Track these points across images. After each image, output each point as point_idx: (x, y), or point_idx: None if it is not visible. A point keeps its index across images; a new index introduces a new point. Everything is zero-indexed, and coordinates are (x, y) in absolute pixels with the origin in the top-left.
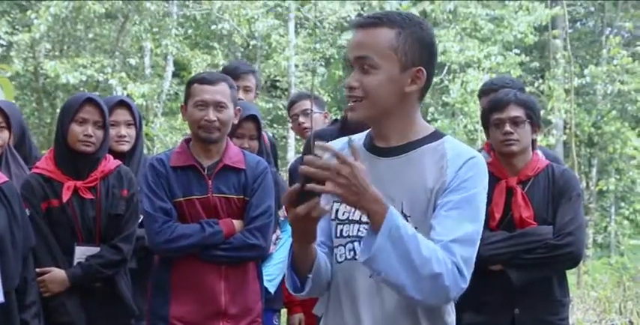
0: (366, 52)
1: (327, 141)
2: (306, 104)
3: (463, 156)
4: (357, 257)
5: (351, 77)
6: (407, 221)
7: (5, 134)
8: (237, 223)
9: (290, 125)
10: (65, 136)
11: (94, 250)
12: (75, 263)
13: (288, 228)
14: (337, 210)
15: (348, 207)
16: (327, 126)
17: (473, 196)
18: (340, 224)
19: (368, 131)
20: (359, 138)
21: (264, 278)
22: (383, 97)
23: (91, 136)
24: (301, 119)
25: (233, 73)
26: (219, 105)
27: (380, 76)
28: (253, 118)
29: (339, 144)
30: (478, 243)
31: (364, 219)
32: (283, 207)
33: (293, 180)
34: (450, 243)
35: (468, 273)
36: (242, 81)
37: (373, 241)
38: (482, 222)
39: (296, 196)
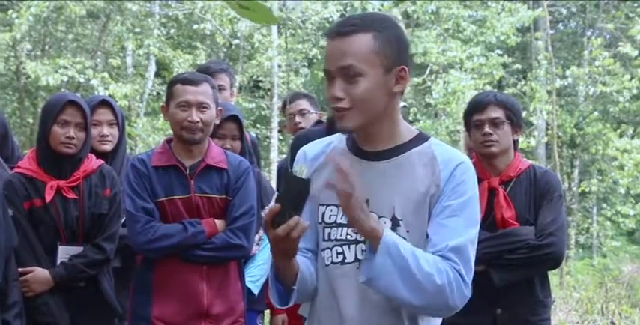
0: (349, 61)
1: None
2: (302, 104)
3: (454, 160)
4: (346, 261)
5: (334, 88)
6: (399, 225)
7: None
8: (219, 223)
9: (274, 124)
10: (47, 138)
11: (77, 250)
12: (58, 262)
13: None
14: (324, 214)
15: (335, 211)
16: (311, 126)
17: (467, 201)
18: (327, 227)
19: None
20: (340, 139)
21: (248, 279)
22: (372, 103)
23: (72, 138)
24: (297, 119)
25: (205, 73)
26: (201, 106)
27: (366, 82)
28: (234, 119)
29: (319, 145)
30: (475, 246)
31: None
32: (266, 207)
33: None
34: (449, 253)
35: (470, 279)
36: (215, 80)
37: (372, 261)
38: (478, 224)
39: (276, 216)
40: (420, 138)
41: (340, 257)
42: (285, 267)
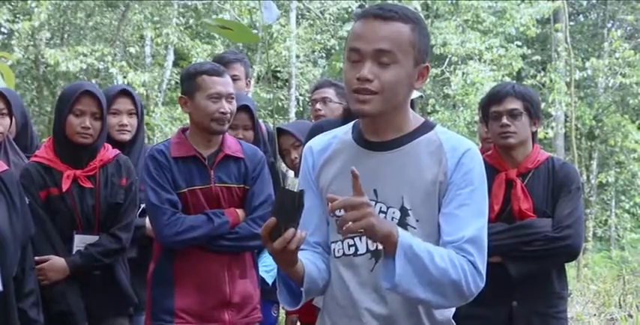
0: (388, 46)
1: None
2: (327, 92)
3: (461, 148)
4: (358, 252)
5: (365, 68)
6: (409, 214)
7: (6, 121)
8: (240, 212)
9: (291, 115)
10: (63, 127)
11: (92, 238)
12: (74, 251)
13: None
14: None
15: None
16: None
17: (477, 189)
18: (339, 220)
19: (353, 123)
20: (344, 131)
21: (262, 268)
22: (397, 92)
23: (88, 128)
24: (318, 106)
25: (220, 62)
26: (229, 97)
27: (398, 70)
28: (246, 109)
29: (324, 138)
30: (486, 233)
31: None
32: None
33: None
34: (464, 244)
35: (483, 268)
36: (229, 70)
37: (392, 266)
38: (487, 211)
39: (272, 230)
40: (426, 127)
41: (352, 249)
42: (290, 273)
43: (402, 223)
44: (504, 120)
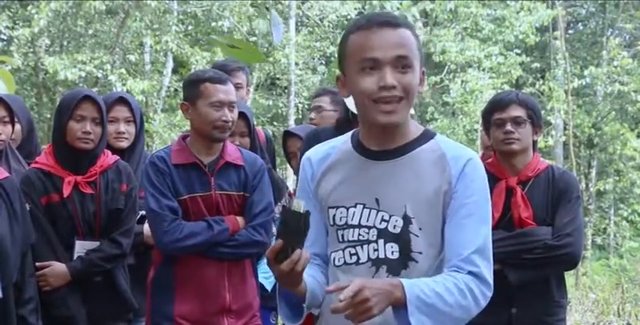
0: (406, 51)
1: (323, 140)
2: (322, 100)
3: (463, 157)
4: (360, 261)
5: (388, 75)
6: (412, 223)
7: (8, 128)
8: (240, 220)
9: (290, 122)
10: (64, 133)
11: (93, 244)
12: (75, 257)
13: None
14: (334, 216)
15: (344, 212)
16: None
17: (481, 198)
18: (340, 229)
19: (352, 133)
20: (343, 141)
21: (261, 275)
22: (414, 96)
23: (89, 133)
24: (312, 115)
25: (222, 70)
26: (231, 105)
27: (414, 74)
28: (242, 116)
29: (323, 148)
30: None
31: (363, 223)
32: (279, 203)
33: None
34: (472, 255)
35: (490, 277)
36: (233, 78)
37: (407, 320)
38: (491, 218)
39: (278, 252)
40: (427, 136)
41: (354, 258)
42: (293, 292)
43: (405, 231)
44: (508, 126)
